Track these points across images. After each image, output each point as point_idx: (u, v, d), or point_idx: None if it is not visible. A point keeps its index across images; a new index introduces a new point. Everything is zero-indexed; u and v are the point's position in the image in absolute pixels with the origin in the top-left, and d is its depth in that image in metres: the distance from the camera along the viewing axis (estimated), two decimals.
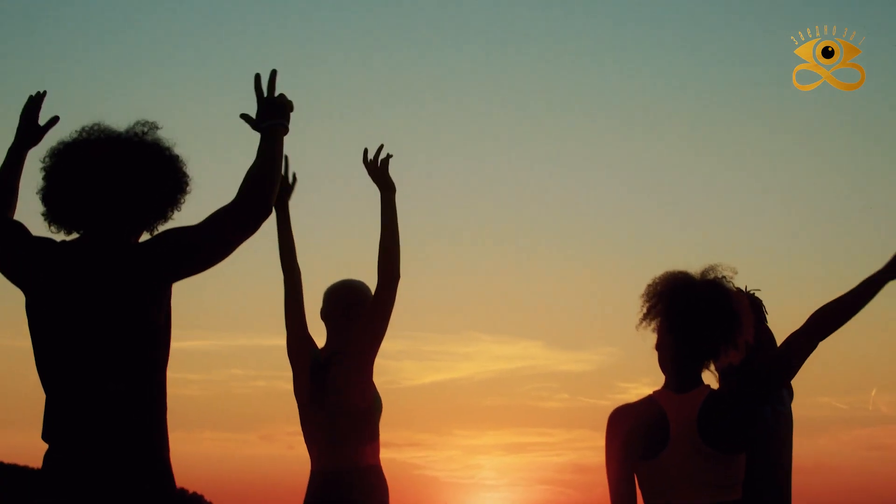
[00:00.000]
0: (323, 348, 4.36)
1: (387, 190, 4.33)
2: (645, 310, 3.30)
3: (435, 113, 14.92)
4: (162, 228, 3.27)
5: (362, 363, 4.23)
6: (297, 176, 4.60)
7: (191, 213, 3.30)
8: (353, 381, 4.21)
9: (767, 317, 4.22)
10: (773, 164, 14.74)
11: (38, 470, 3.05)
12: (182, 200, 3.30)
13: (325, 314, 4.39)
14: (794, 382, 4.22)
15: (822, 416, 14.54)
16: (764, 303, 4.23)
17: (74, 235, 3.24)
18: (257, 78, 3.26)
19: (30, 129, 3.54)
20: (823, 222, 14.54)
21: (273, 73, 3.26)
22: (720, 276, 3.29)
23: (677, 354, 3.23)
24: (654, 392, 3.27)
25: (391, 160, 4.39)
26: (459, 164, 15.07)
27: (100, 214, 3.17)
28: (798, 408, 4.22)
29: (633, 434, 3.21)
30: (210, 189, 3.44)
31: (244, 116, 3.27)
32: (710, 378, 3.33)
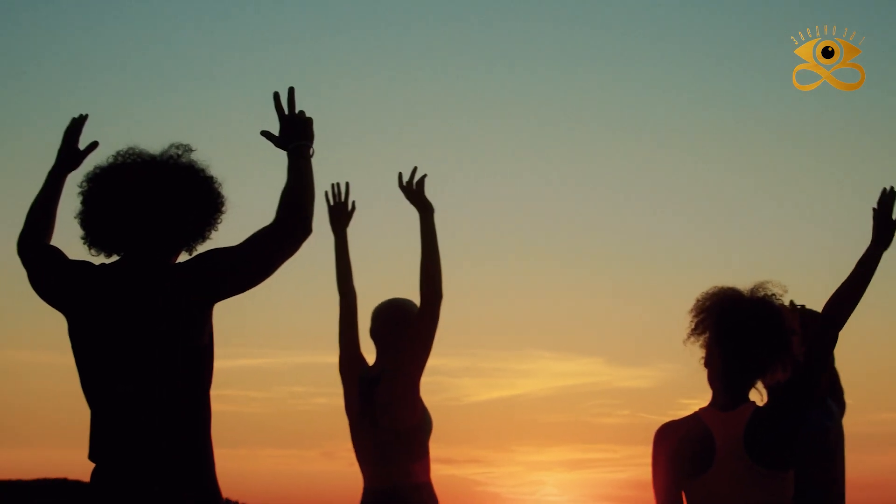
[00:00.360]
0: (372, 366, 4.43)
1: (425, 211, 4.37)
2: (693, 325, 3.30)
3: (487, 129, 15.06)
4: (201, 248, 3.32)
5: (408, 381, 4.28)
6: (355, 204, 4.70)
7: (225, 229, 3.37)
8: (399, 399, 4.27)
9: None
10: (773, 165, 14.84)
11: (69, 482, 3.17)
12: (218, 220, 3.34)
13: (374, 333, 4.44)
14: (857, 398, 4.34)
15: (887, 432, 14.49)
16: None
17: (114, 258, 3.28)
18: (276, 96, 3.28)
19: (70, 152, 3.55)
20: (823, 222, 14.56)
21: (291, 91, 3.28)
22: (770, 293, 3.28)
23: (725, 371, 3.23)
24: (700, 410, 3.27)
25: (429, 181, 4.41)
26: (520, 181, 15.20)
27: (138, 237, 3.21)
28: (861, 424, 4.20)
29: (679, 452, 3.21)
30: (241, 205, 3.47)
31: (265, 133, 3.28)
32: (756, 396, 3.31)
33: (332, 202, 4.70)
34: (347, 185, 4.70)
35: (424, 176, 4.45)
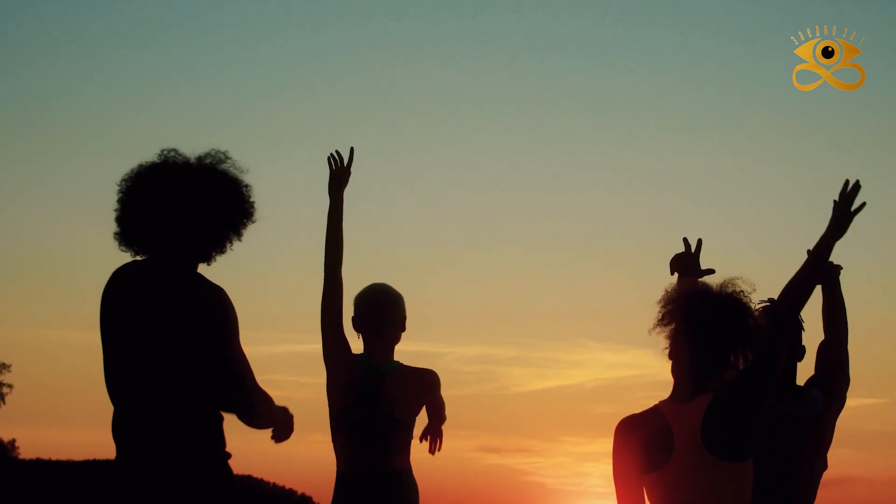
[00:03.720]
0: (367, 355, 4.45)
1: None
2: (660, 315, 3.32)
3: (524, 122, 15.18)
4: (219, 258, 3.50)
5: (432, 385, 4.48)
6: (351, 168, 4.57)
7: None
8: (412, 398, 4.42)
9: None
10: (773, 164, 14.95)
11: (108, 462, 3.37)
12: (245, 228, 3.51)
13: (361, 321, 4.46)
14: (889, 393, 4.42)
15: None
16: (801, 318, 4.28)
17: (139, 257, 3.46)
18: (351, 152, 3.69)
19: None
20: (823, 222, 14.58)
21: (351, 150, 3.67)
22: (738, 289, 3.30)
23: (690, 363, 3.25)
24: (660, 402, 3.30)
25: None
26: (575, 174, 15.33)
27: (168, 240, 3.38)
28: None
29: (640, 445, 3.22)
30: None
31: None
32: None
33: (334, 167, 4.58)
34: (352, 150, 4.59)
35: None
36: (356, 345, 4.50)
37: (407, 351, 4.54)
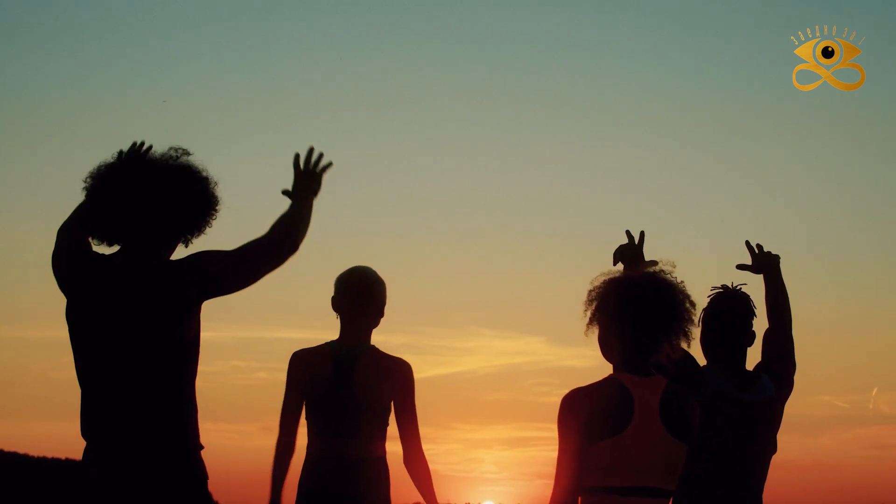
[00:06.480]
0: (342, 339, 4.35)
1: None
2: (589, 314, 3.30)
3: (436, 112, 15.04)
4: (196, 243, 3.58)
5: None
6: None
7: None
8: (380, 384, 4.30)
9: (756, 312, 4.32)
10: (773, 164, 14.81)
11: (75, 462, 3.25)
12: (212, 218, 3.59)
13: (338, 305, 4.35)
14: (796, 381, 4.32)
15: (824, 414, 14.70)
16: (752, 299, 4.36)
17: (114, 248, 3.52)
18: (296, 157, 3.62)
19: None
20: (823, 222, 14.60)
21: (310, 150, 3.62)
22: (658, 270, 3.32)
23: (622, 347, 3.24)
24: (613, 374, 3.26)
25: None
26: (465, 162, 15.21)
27: (135, 231, 3.47)
28: (800, 406, 4.19)
29: (596, 413, 3.17)
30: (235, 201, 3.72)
31: (285, 192, 3.59)
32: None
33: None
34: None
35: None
36: (330, 323, 4.40)
37: (302, 339, 4.50)
